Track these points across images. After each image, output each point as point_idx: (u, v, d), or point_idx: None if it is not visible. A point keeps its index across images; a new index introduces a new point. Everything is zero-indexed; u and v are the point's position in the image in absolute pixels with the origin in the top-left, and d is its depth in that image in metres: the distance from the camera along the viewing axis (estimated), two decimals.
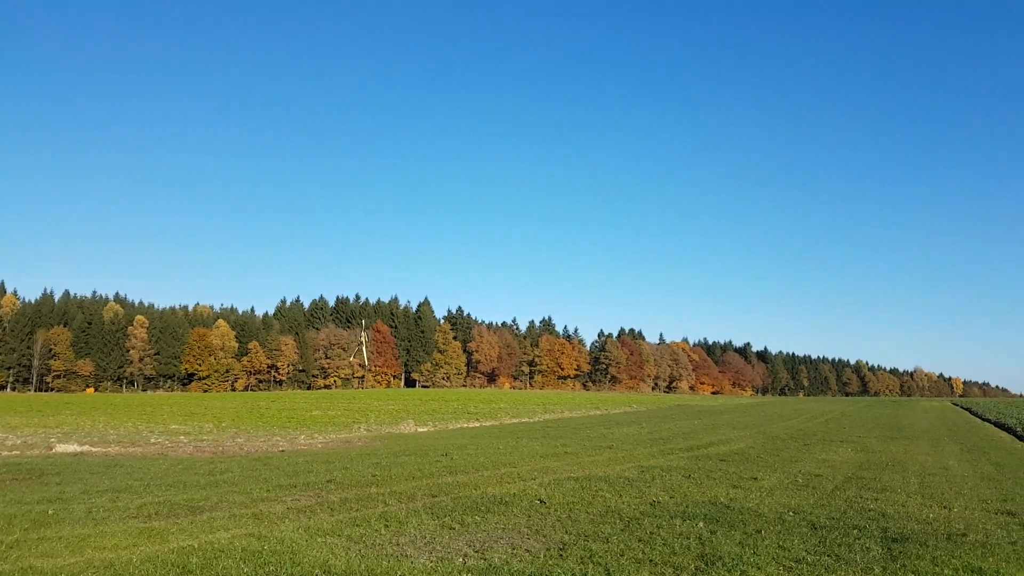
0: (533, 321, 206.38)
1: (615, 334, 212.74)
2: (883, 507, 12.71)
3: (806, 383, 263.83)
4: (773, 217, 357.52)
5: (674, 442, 26.56)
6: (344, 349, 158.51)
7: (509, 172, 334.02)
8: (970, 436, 33.37)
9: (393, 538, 9.97)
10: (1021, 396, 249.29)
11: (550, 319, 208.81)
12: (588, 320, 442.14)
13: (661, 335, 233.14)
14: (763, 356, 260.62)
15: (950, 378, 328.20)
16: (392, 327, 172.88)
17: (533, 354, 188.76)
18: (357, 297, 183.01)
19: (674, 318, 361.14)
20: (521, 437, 28.14)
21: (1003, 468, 19.81)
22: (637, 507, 12.42)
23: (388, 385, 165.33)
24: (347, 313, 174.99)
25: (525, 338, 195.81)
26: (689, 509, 12.24)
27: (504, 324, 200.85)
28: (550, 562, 8.67)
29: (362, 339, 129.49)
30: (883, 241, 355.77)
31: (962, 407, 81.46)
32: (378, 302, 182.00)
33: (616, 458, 20.50)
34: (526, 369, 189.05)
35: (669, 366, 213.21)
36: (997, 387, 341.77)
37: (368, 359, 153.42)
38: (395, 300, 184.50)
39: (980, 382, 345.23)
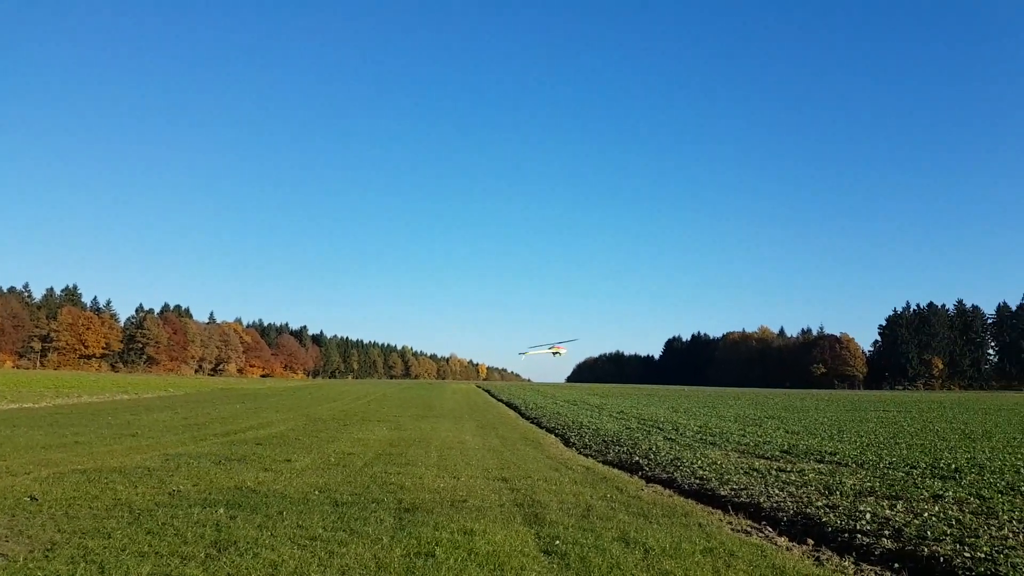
0: (52, 288, 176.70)
1: (157, 310, 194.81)
2: (403, 480, 13.75)
3: (356, 366, 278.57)
4: (333, 207, 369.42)
5: (210, 428, 25.15)
6: None
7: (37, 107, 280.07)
8: (486, 414, 38.55)
9: None
10: (529, 380, 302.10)
11: (75, 288, 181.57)
12: (125, 292, 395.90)
13: (212, 314, 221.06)
14: (318, 340, 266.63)
15: (477, 364, 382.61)
16: None
17: (49, 328, 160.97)
18: None
19: (229, 297, 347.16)
20: (19, 426, 23.66)
21: (506, 441, 23.25)
22: (153, 498, 11.32)
23: None
24: None
25: (40, 308, 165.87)
26: (212, 496, 11.58)
27: (12, 290, 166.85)
28: (31, 565, 7.50)
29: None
30: (430, 235, 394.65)
31: (484, 389, 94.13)
32: None
33: (139, 447, 18.49)
34: (38, 345, 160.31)
35: (218, 347, 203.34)
36: (512, 372, 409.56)
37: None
38: None
39: (500, 368, 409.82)
